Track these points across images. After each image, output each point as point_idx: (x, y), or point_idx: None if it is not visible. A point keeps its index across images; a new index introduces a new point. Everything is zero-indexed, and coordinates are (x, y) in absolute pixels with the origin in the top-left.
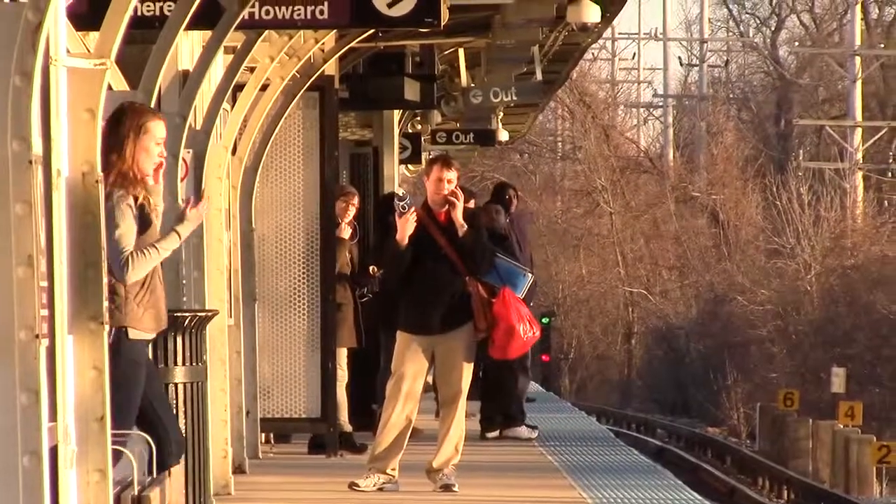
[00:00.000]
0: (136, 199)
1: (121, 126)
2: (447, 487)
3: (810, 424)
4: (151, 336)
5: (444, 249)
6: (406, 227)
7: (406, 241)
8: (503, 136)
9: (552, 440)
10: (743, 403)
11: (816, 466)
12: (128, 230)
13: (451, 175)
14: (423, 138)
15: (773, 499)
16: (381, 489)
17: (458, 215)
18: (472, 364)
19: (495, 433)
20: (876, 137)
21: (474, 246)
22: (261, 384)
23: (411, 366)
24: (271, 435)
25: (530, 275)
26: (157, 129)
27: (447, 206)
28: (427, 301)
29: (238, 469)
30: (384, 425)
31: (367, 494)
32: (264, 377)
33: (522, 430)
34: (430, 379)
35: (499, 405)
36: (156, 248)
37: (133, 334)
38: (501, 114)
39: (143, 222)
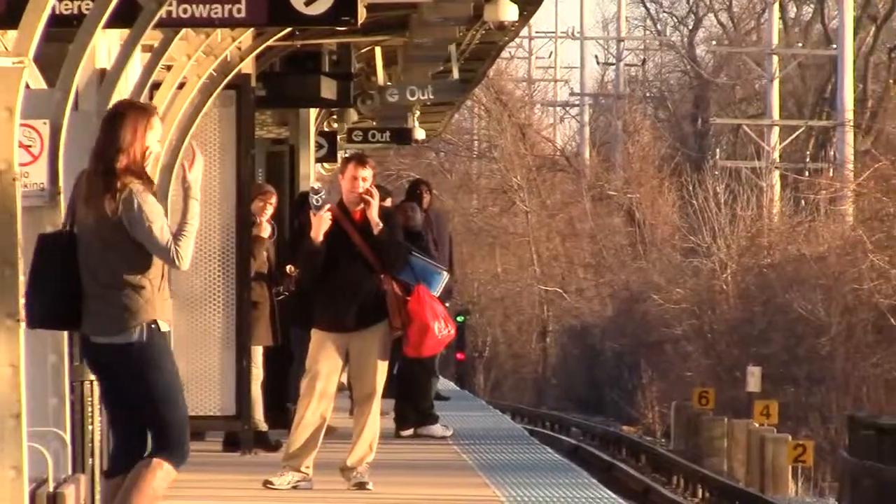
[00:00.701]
0: None
1: (127, 124)
2: (361, 485)
3: (725, 423)
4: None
5: (359, 247)
6: (320, 224)
7: (320, 238)
8: (419, 134)
9: (467, 438)
10: (658, 402)
11: (731, 465)
12: (163, 220)
13: (366, 173)
14: (339, 137)
15: (687, 497)
16: (295, 487)
17: (373, 214)
18: (386, 362)
19: (409, 431)
20: (793, 136)
21: (389, 244)
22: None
23: (326, 364)
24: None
25: (446, 273)
26: (159, 127)
27: (362, 205)
28: (342, 299)
29: None
30: (298, 423)
31: (280, 492)
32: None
33: (437, 429)
34: (344, 378)
35: (413, 403)
36: (188, 223)
37: (163, 326)
38: (418, 112)
39: None
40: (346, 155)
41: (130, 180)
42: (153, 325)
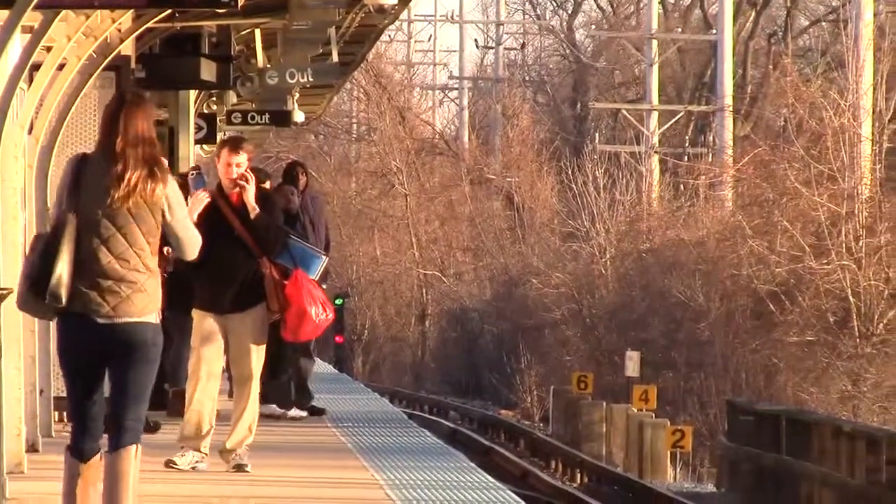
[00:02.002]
0: None
1: (152, 114)
2: (240, 468)
3: (604, 408)
4: None
5: (237, 231)
6: (196, 205)
7: (195, 219)
8: (299, 117)
9: (345, 421)
10: (536, 386)
11: (610, 450)
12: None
13: (241, 159)
14: (218, 119)
15: (566, 482)
16: (194, 468)
17: (249, 198)
18: (263, 345)
19: (281, 412)
20: (672, 121)
21: (266, 228)
22: (55, 363)
23: (208, 345)
24: (65, 413)
25: (324, 257)
26: None
27: (238, 189)
28: (219, 281)
29: (31, 448)
30: (189, 404)
31: (155, 474)
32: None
33: (302, 412)
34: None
35: (286, 386)
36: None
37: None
38: (297, 95)
39: None
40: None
41: (167, 168)
42: (160, 312)
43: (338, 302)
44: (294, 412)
